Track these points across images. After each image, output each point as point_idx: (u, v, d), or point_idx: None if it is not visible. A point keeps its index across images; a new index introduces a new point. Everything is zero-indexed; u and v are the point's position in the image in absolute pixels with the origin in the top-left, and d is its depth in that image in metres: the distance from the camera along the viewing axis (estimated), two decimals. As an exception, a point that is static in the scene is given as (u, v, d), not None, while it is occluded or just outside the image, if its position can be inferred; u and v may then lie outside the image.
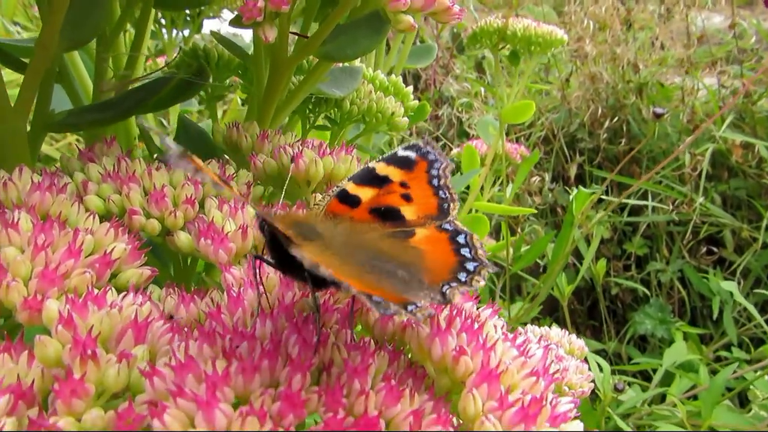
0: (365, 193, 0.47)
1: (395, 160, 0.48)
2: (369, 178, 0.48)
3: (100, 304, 0.39)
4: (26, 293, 0.40)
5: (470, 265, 0.40)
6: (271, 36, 0.51)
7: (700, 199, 2.10)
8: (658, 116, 1.75)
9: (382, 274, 0.39)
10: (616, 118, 2.43)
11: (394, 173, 0.47)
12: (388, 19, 0.54)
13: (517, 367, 0.39)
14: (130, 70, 0.76)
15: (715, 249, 2.19)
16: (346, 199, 0.47)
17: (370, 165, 0.48)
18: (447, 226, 0.45)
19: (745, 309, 1.81)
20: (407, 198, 0.46)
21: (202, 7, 1.15)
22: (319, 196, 0.54)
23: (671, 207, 2.17)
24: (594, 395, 1.41)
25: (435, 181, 0.46)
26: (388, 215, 0.46)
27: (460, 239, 0.43)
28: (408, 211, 0.45)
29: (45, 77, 0.59)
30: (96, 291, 0.40)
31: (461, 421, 0.38)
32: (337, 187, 0.48)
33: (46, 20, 0.52)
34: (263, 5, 0.49)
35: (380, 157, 0.48)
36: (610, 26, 2.59)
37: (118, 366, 0.35)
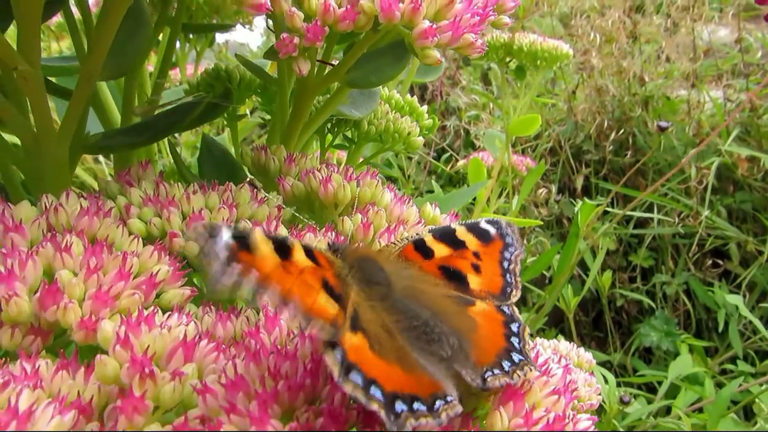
0: (440, 250, 0.48)
1: (475, 230, 0.50)
2: (447, 236, 0.49)
3: (151, 324, 0.42)
4: (81, 314, 0.43)
5: (516, 357, 0.41)
6: (305, 69, 0.54)
7: (706, 212, 2.12)
8: (662, 129, 1.78)
9: (431, 343, 0.40)
10: (622, 131, 2.46)
11: (471, 241, 0.49)
12: (413, 50, 0.57)
13: (539, 386, 0.42)
14: (158, 93, 0.79)
15: (720, 262, 2.21)
16: (422, 248, 0.48)
17: (452, 226, 0.50)
18: (505, 309, 0.46)
19: (750, 321, 1.82)
20: (476, 269, 0.47)
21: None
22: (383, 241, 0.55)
23: (677, 219, 2.19)
24: (599, 407, 1.43)
25: (505, 264, 0.48)
26: (454, 277, 0.47)
27: (513, 327, 0.43)
28: (473, 281, 0.46)
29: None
30: (145, 312, 0.43)
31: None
32: (417, 234, 0.49)
33: (87, 57, 0.55)
34: (299, 42, 0.52)
35: (462, 222, 0.50)
36: (617, 39, 2.62)
37: (173, 383, 0.38)
